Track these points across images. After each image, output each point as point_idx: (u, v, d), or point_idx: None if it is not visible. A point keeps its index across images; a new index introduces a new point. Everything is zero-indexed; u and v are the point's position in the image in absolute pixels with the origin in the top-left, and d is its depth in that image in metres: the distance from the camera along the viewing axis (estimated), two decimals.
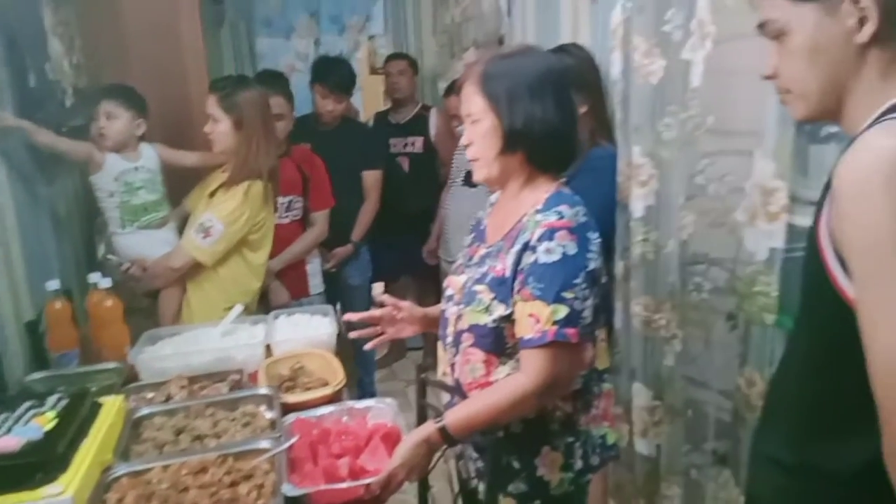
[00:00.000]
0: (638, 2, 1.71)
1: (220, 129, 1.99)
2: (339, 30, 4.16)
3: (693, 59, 1.59)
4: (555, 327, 1.06)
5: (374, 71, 4.68)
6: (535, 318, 1.07)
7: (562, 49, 1.80)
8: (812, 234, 0.85)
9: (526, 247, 1.11)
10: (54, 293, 1.70)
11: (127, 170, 2.06)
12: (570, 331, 1.07)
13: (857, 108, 0.82)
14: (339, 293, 2.82)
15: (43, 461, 1.06)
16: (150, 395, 1.53)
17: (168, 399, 1.50)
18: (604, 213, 1.70)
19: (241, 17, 3.70)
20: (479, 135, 1.18)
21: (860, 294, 0.75)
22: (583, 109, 1.71)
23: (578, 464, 1.20)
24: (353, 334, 1.46)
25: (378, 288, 3.51)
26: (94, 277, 1.76)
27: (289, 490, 1.08)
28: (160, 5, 2.43)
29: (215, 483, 1.11)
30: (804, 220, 1.33)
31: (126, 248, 2.08)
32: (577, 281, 1.08)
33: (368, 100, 4.48)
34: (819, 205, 0.84)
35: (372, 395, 2.86)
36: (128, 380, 1.62)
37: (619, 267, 1.87)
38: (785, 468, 0.92)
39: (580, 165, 1.66)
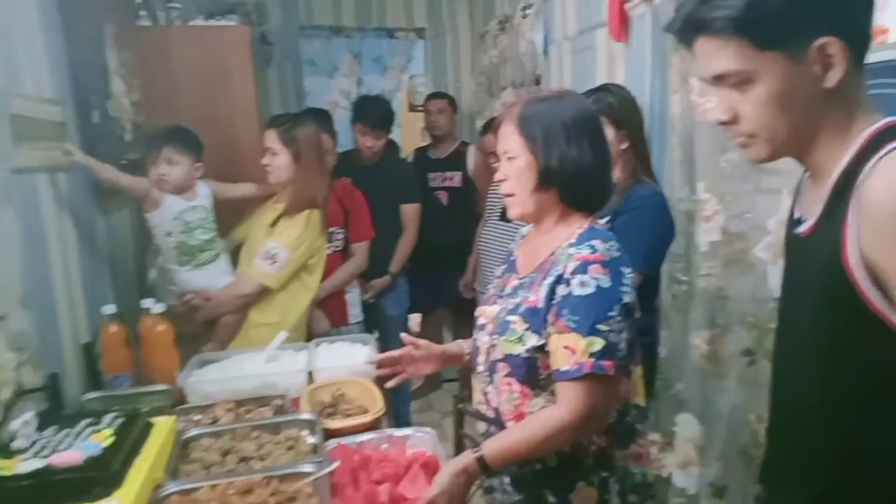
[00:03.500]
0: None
1: (279, 161, 2.12)
2: (381, 69, 4.31)
3: None
4: (591, 359, 1.08)
5: (413, 108, 4.82)
6: (570, 350, 1.10)
7: (604, 88, 1.85)
8: (821, 255, 0.84)
9: (560, 279, 1.14)
10: (109, 317, 1.79)
11: (185, 209, 2.14)
12: (607, 363, 1.09)
13: (826, 146, 0.86)
14: (376, 323, 2.88)
15: (102, 476, 1.11)
16: (197, 417, 1.59)
17: (215, 421, 1.55)
18: (650, 249, 1.71)
19: (287, 57, 3.87)
20: (514, 172, 1.23)
21: None
22: (624, 146, 1.75)
23: (615, 500, 1.20)
24: (377, 372, 1.51)
25: (414, 319, 3.56)
26: (147, 303, 1.85)
27: None
28: (213, 47, 2.58)
29: None
30: None
31: (184, 283, 2.16)
32: (612, 314, 1.11)
33: (408, 136, 4.61)
34: (828, 220, 0.84)
35: (407, 425, 2.87)
36: (176, 402, 1.68)
37: (673, 300, 1.88)
38: None
39: (623, 203, 1.70)
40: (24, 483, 1.08)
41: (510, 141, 1.23)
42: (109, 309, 1.79)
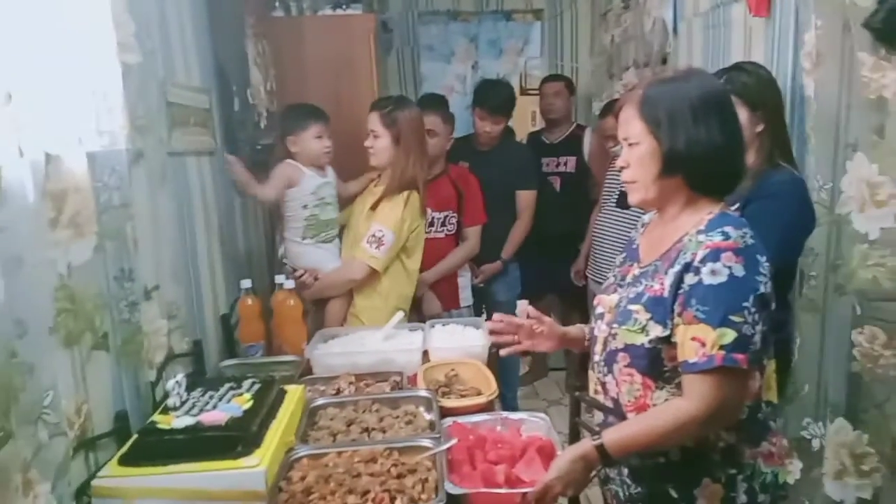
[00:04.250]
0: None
1: (381, 143, 2.15)
2: (497, 53, 4.29)
3: None
4: (723, 352, 1.04)
5: (525, 91, 4.76)
6: (699, 341, 1.06)
7: (737, 67, 1.74)
8: None
9: (687, 268, 1.09)
10: (246, 291, 1.94)
11: (321, 184, 2.25)
12: (740, 356, 1.04)
13: None
14: (486, 307, 2.91)
15: (243, 436, 1.22)
16: (322, 387, 1.69)
17: (338, 392, 1.65)
18: (785, 240, 1.60)
19: (406, 43, 3.96)
20: (636, 158, 1.19)
21: None
22: (759, 129, 1.64)
23: (742, 498, 1.15)
24: (490, 337, 1.48)
25: (522, 305, 3.55)
26: (280, 279, 1.98)
27: (451, 488, 1.15)
28: (340, 36, 2.68)
29: (384, 473, 1.20)
30: None
31: (298, 257, 2.25)
32: (747, 304, 1.05)
33: (519, 119, 4.58)
34: None
35: (514, 410, 2.90)
36: (303, 372, 1.79)
37: (808, 296, 1.77)
38: None
39: (756, 190, 1.60)
40: (179, 437, 1.21)
41: (631, 126, 1.19)
42: (246, 283, 1.94)
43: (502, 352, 1.48)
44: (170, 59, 1.77)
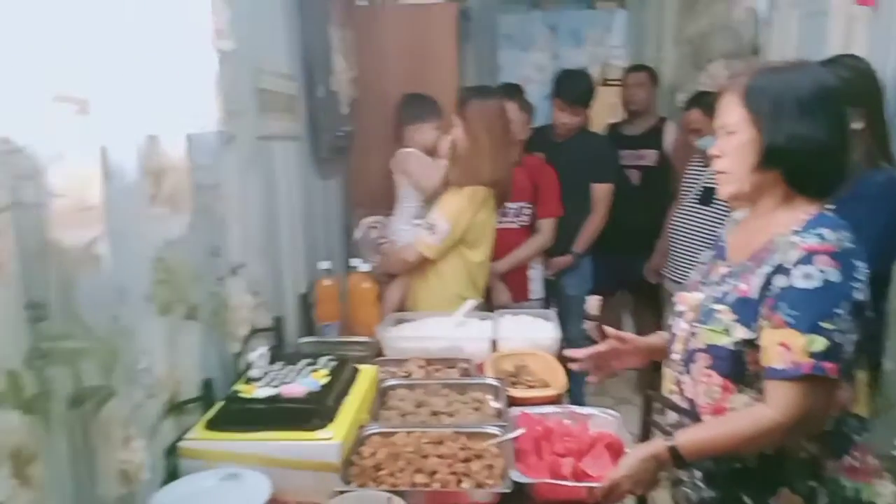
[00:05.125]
0: None
1: (454, 133, 2.15)
2: (577, 42, 4.22)
3: None
4: (811, 360, 1.00)
5: (606, 82, 4.66)
6: (786, 347, 1.02)
7: (835, 61, 1.65)
8: None
9: (778, 269, 1.05)
10: (324, 272, 2.00)
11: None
12: (829, 365, 1.00)
13: None
14: (556, 301, 2.88)
15: (319, 409, 1.27)
16: (393, 369, 1.73)
17: (408, 375, 1.68)
18: (880, 244, 1.51)
19: (484, 32, 3.94)
20: (732, 148, 1.14)
21: None
22: (858, 126, 1.54)
23: None
24: (573, 366, 1.46)
25: (593, 301, 3.50)
26: (356, 262, 2.04)
27: (517, 476, 1.16)
28: (421, 24, 2.71)
29: (452, 456, 1.23)
30: None
31: (401, 235, 2.35)
32: (839, 311, 1.01)
33: (596, 110, 4.48)
34: None
35: (580, 405, 2.87)
36: (375, 354, 1.84)
37: None
38: None
39: (850, 190, 1.51)
40: (260, 406, 1.27)
41: (732, 113, 1.14)
42: (324, 265, 2.01)
43: (588, 379, 1.45)
44: (261, 47, 1.84)
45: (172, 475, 1.21)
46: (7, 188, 0.81)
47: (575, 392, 3.04)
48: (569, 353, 1.44)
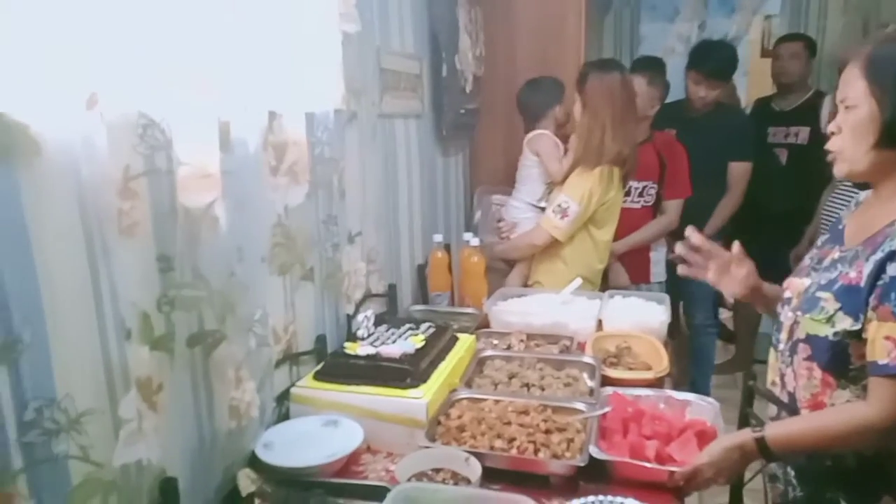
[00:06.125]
0: None
1: (575, 109, 2.11)
2: (729, 11, 3.91)
3: None
4: None
5: (766, 53, 4.29)
6: (893, 341, 0.92)
7: None
8: None
9: (892, 256, 0.96)
10: (438, 244, 2.09)
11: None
12: None
13: None
14: (680, 285, 2.74)
15: (412, 370, 1.36)
16: (495, 341, 1.78)
17: (509, 347, 1.72)
18: None
19: (626, 3, 3.78)
20: (851, 123, 1.04)
21: None
22: None
23: None
24: (676, 248, 1.38)
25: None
26: (467, 236, 2.11)
27: (596, 452, 1.17)
28: (552, 2, 2.67)
29: (533, 426, 1.25)
30: None
31: (510, 211, 2.39)
32: None
33: (756, 84, 4.14)
34: None
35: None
36: (480, 325, 1.90)
37: None
38: None
39: None
40: (361, 362, 1.39)
41: (852, 87, 1.04)
42: (438, 237, 2.09)
43: (679, 270, 1.38)
44: (386, 28, 1.94)
45: (285, 416, 1.37)
46: (144, 157, 0.96)
47: (700, 382, 2.92)
48: (689, 231, 1.36)
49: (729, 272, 1.32)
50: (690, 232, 1.31)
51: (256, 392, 1.19)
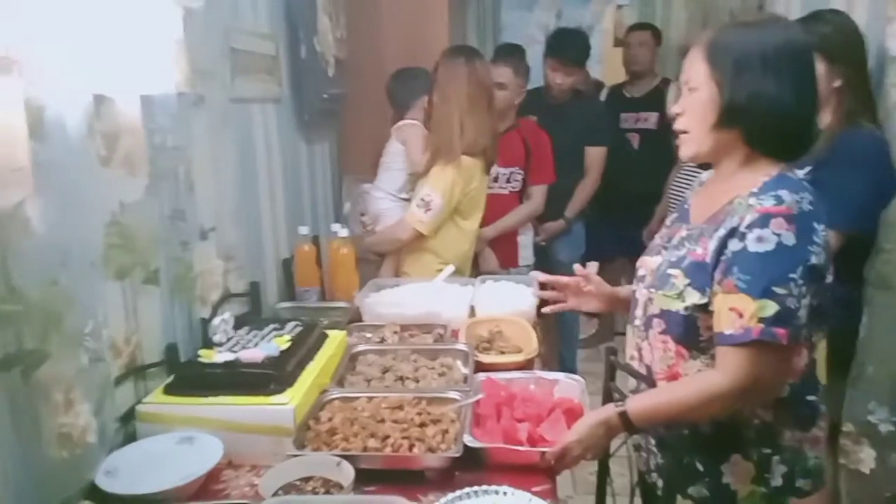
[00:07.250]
0: None
1: (430, 98, 2.07)
2: (584, 0, 4.08)
3: None
4: (761, 325, 0.96)
5: (618, 42, 4.52)
6: (737, 312, 0.98)
7: (816, 16, 1.57)
8: None
9: (733, 232, 1.01)
10: (305, 237, 1.99)
11: None
12: (780, 331, 0.96)
13: None
14: (547, 267, 2.83)
15: (276, 375, 1.27)
16: (368, 334, 1.73)
17: (382, 341, 1.68)
18: (861, 207, 1.46)
19: None
20: (693, 105, 1.10)
21: None
22: (836, 84, 1.47)
23: (777, 481, 1.08)
24: (535, 293, 1.48)
25: (592, 267, 3.44)
26: (335, 227, 2.03)
27: (470, 441, 1.15)
28: None
29: (407, 420, 1.22)
30: None
31: (382, 209, 2.31)
32: (794, 276, 0.97)
33: (611, 72, 4.36)
34: None
35: (572, 371, 2.85)
36: (352, 319, 1.84)
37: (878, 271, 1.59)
38: None
39: (831, 151, 1.45)
40: (218, 371, 1.27)
41: (694, 70, 1.09)
42: (304, 230, 1.99)
43: (544, 309, 1.46)
44: (235, 5, 1.80)
45: (131, 438, 1.22)
46: None
47: (566, 356, 3.05)
48: (534, 274, 1.49)
49: (582, 293, 1.40)
50: (590, 271, 1.39)
51: (93, 414, 1.06)
